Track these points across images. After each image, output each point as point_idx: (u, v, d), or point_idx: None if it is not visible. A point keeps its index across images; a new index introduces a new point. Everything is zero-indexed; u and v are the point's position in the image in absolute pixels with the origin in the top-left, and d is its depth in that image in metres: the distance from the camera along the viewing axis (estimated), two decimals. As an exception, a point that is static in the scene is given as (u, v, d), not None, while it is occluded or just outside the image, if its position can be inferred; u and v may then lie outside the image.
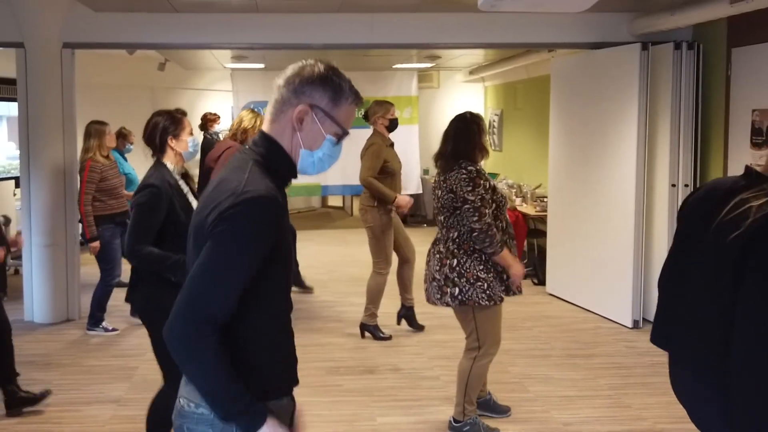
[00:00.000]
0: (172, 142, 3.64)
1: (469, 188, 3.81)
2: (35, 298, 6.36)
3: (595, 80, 6.65)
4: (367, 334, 5.92)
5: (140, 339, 5.48)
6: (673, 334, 2.24)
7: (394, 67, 11.20)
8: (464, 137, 4.00)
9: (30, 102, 6.19)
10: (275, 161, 1.87)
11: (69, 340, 5.90)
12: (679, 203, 6.16)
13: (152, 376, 4.88)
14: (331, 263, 9.07)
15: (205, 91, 12.29)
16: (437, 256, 3.96)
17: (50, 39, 6.20)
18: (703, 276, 2.05)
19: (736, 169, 5.91)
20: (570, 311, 6.81)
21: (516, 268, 3.91)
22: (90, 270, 7.02)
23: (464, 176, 3.84)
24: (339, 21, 6.51)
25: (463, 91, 12.65)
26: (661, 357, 2.26)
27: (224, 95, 11.93)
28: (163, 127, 3.65)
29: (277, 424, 1.75)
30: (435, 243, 4.04)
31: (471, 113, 4.14)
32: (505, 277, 3.95)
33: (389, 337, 5.89)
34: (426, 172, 12.02)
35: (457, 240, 3.89)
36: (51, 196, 6.29)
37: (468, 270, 3.84)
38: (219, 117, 9.31)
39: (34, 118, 6.20)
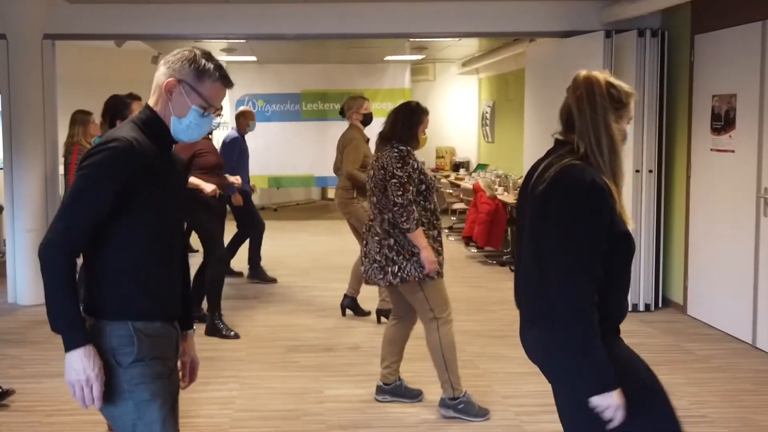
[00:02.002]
0: (119, 124, 3.85)
1: (399, 165, 3.98)
2: (18, 280, 6.60)
3: (564, 69, 6.69)
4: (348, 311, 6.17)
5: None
6: (517, 294, 2.47)
7: (385, 59, 11.34)
8: (405, 124, 4.17)
9: (12, 93, 6.42)
10: (149, 124, 2.24)
11: (46, 320, 6.11)
12: (645, 189, 6.29)
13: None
14: (319, 252, 9.25)
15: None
16: (375, 238, 4.11)
17: (31, 30, 6.42)
18: (526, 232, 2.37)
19: (700, 155, 6.01)
20: (540, 296, 6.90)
21: (427, 252, 3.97)
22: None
23: (396, 154, 4.02)
24: (310, 11, 6.69)
25: (459, 84, 12.78)
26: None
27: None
28: (112, 112, 3.88)
29: (91, 353, 2.08)
30: (370, 226, 4.19)
31: (417, 104, 4.34)
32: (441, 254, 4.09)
33: (368, 313, 6.10)
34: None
35: (391, 220, 4.04)
36: (33, 183, 6.52)
37: (404, 247, 3.99)
38: None
39: (16, 108, 6.43)
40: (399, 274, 4.02)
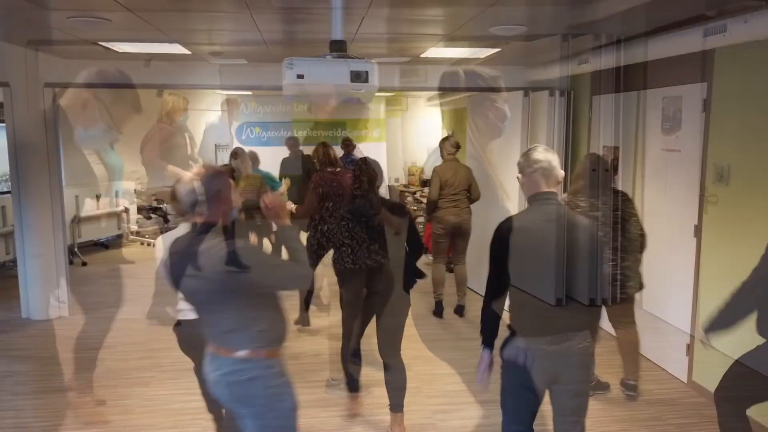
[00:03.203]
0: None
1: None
2: (30, 296, 7.43)
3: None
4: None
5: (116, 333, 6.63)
6: None
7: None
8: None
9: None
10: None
11: (55, 335, 6.76)
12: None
13: (115, 366, 5.84)
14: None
15: (199, 87, 13.28)
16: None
17: (31, 75, 6.48)
18: None
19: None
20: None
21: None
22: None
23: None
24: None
25: (427, 114, 14.18)
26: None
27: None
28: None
29: None
30: None
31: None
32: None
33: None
34: (396, 180, 13.76)
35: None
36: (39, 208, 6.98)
37: None
38: None
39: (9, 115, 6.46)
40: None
